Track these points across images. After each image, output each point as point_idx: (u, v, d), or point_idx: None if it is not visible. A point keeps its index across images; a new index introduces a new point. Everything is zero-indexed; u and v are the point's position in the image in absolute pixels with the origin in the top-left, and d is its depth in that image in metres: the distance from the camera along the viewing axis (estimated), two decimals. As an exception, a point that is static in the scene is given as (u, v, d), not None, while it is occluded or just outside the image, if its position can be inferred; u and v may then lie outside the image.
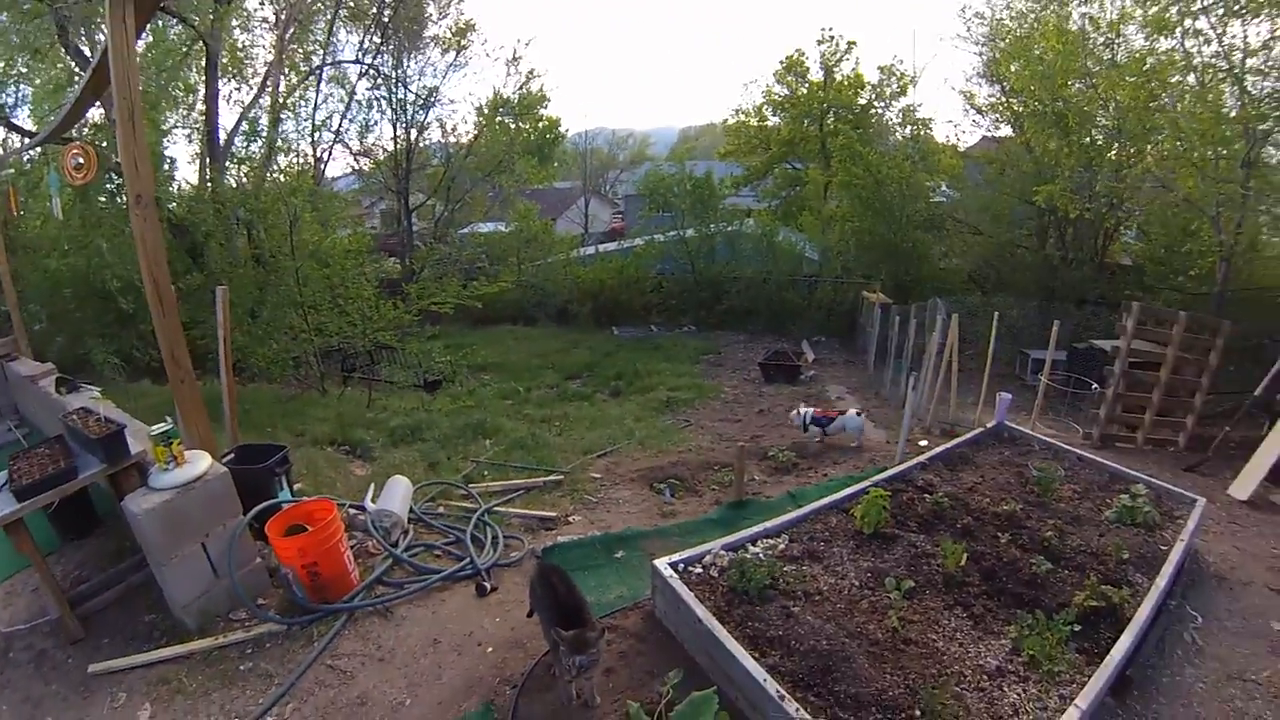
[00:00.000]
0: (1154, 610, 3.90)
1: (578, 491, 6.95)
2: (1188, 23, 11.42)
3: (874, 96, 28.10)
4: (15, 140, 16.80)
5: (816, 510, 4.93)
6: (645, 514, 6.36)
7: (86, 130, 12.88)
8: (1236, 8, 10.66)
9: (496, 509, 6.04)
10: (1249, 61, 10.84)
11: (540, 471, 7.57)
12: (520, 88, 25.22)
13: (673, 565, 4.09)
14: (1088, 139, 15.60)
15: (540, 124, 27.21)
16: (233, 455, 5.22)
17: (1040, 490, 5.37)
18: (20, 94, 17.29)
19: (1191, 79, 11.80)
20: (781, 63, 29.10)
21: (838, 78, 28.33)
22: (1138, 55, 13.05)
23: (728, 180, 25.88)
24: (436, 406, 11.86)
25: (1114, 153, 15.30)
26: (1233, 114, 11.07)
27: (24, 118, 17.17)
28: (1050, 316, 11.12)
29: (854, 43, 28.04)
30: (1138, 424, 8.98)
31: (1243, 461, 7.18)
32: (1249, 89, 10.93)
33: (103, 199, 16.03)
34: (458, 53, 24.10)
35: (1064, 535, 4.64)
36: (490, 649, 4.03)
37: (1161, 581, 4.12)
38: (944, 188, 22.03)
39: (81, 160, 7.40)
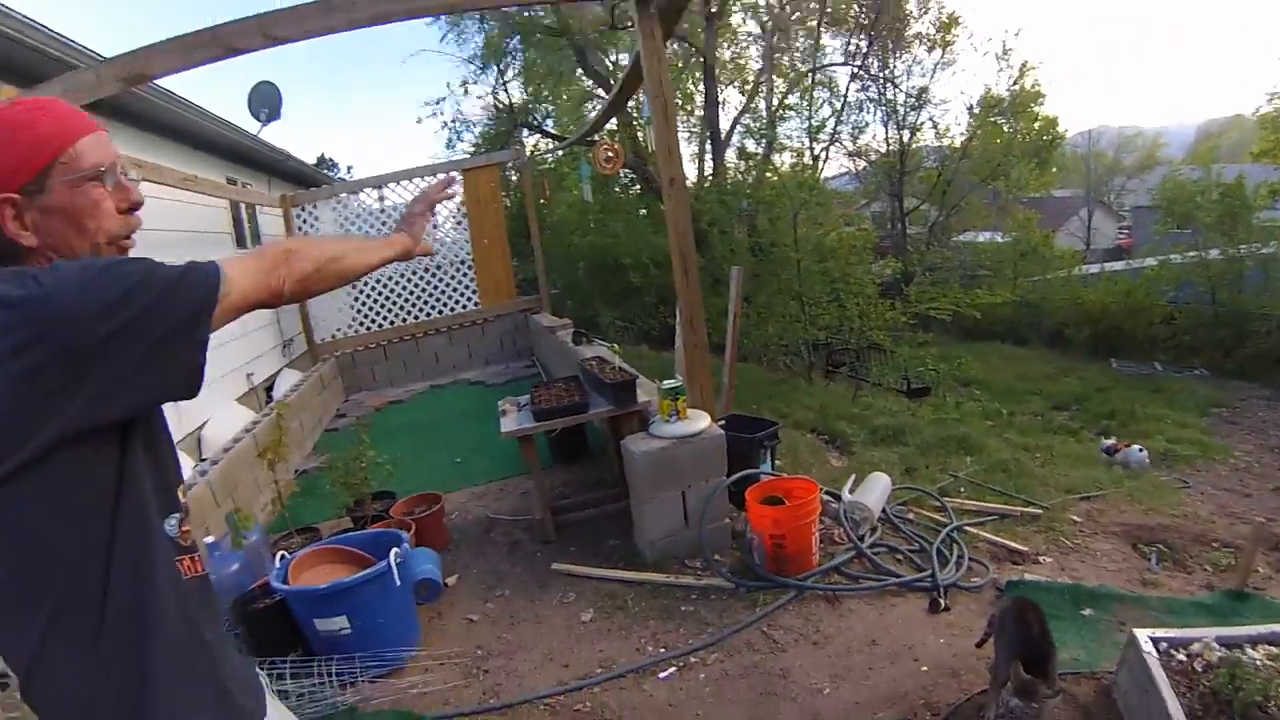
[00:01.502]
0: None
1: (1054, 531, 6.42)
2: None
3: None
4: (543, 144, 20.45)
5: (1342, 628, 4.03)
6: (1122, 575, 5.70)
7: (604, 135, 14.85)
8: None
9: (966, 528, 5.79)
10: None
11: (1018, 501, 7.12)
12: (1013, 84, 23.53)
13: (1154, 641, 3.53)
14: None
15: (1036, 123, 25.12)
16: (725, 422, 5.59)
17: None
18: (546, 110, 22.45)
19: None
20: None
21: None
22: None
23: (1263, 187, 21.37)
24: (920, 413, 11.66)
25: None
26: None
27: (549, 127, 22.18)
28: None
29: None
30: None
31: None
32: None
33: (617, 189, 18.43)
34: (944, 50, 23.13)
35: None
36: (925, 668, 3.85)
37: None
38: None
39: (611, 155, 9.10)
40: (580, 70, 19.82)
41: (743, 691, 3.70)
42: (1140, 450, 9.72)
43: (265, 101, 10.54)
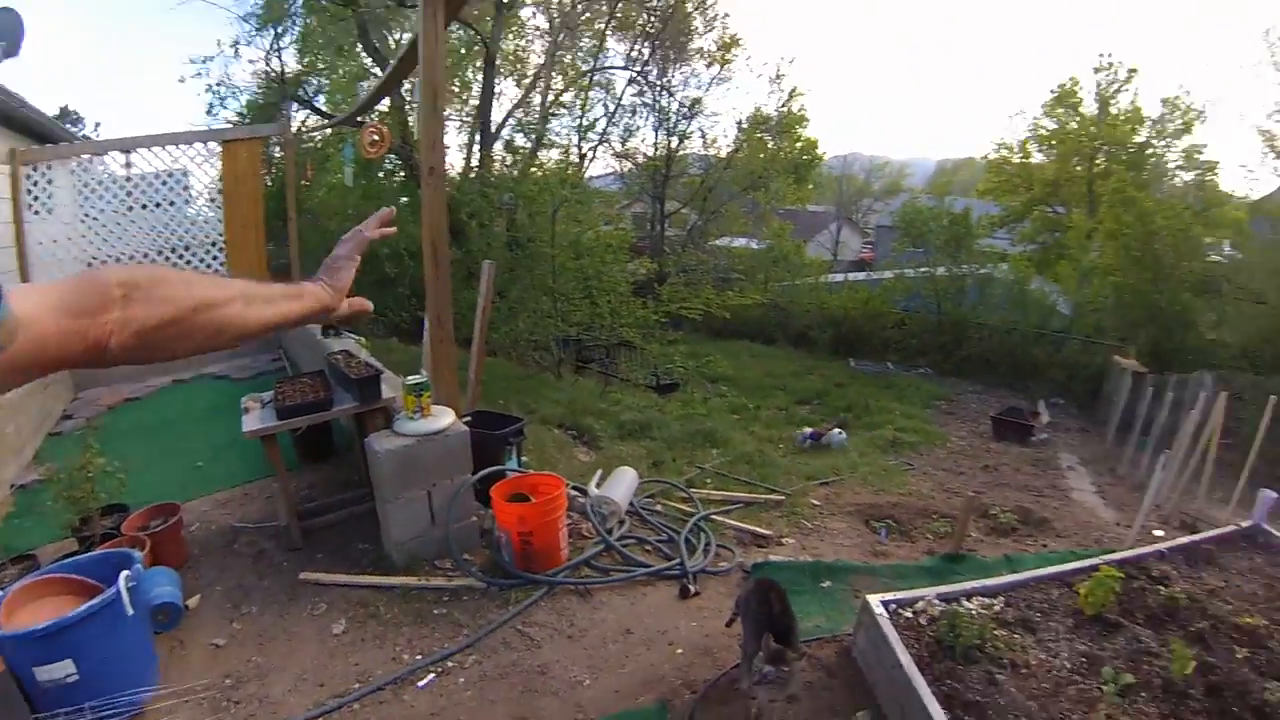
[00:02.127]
0: None
1: (795, 515, 6.93)
2: None
3: (1153, 134, 26.18)
4: (312, 121, 19.44)
5: (1039, 578, 4.62)
6: (857, 549, 6.27)
7: (374, 115, 14.24)
8: None
9: (713, 517, 6.12)
10: None
11: (761, 489, 7.57)
12: (782, 105, 25.33)
13: (884, 604, 3.96)
14: None
15: (799, 144, 27.06)
16: (470, 418, 5.57)
17: (1293, 609, 4.80)
18: (320, 84, 20.64)
19: None
20: (1052, 92, 27.76)
21: (1113, 111, 26.50)
22: None
23: (984, 220, 24.72)
24: (668, 408, 12.08)
25: None
26: None
27: (320, 103, 20.39)
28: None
29: (1135, 70, 26.24)
30: None
31: None
32: None
33: (381, 175, 17.83)
34: (721, 66, 24.46)
35: (1312, 665, 4.12)
36: (680, 650, 4.07)
37: None
38: (1225, 246, 20.02)
39: (377, 138, 8.65)
40: (360, 46, 18.84)
41: (504, 691, 3.74)
42: (839, 433, 11.12)
43: (3, 32, 8.98)
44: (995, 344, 19.34)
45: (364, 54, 18.97)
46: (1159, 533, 7.52)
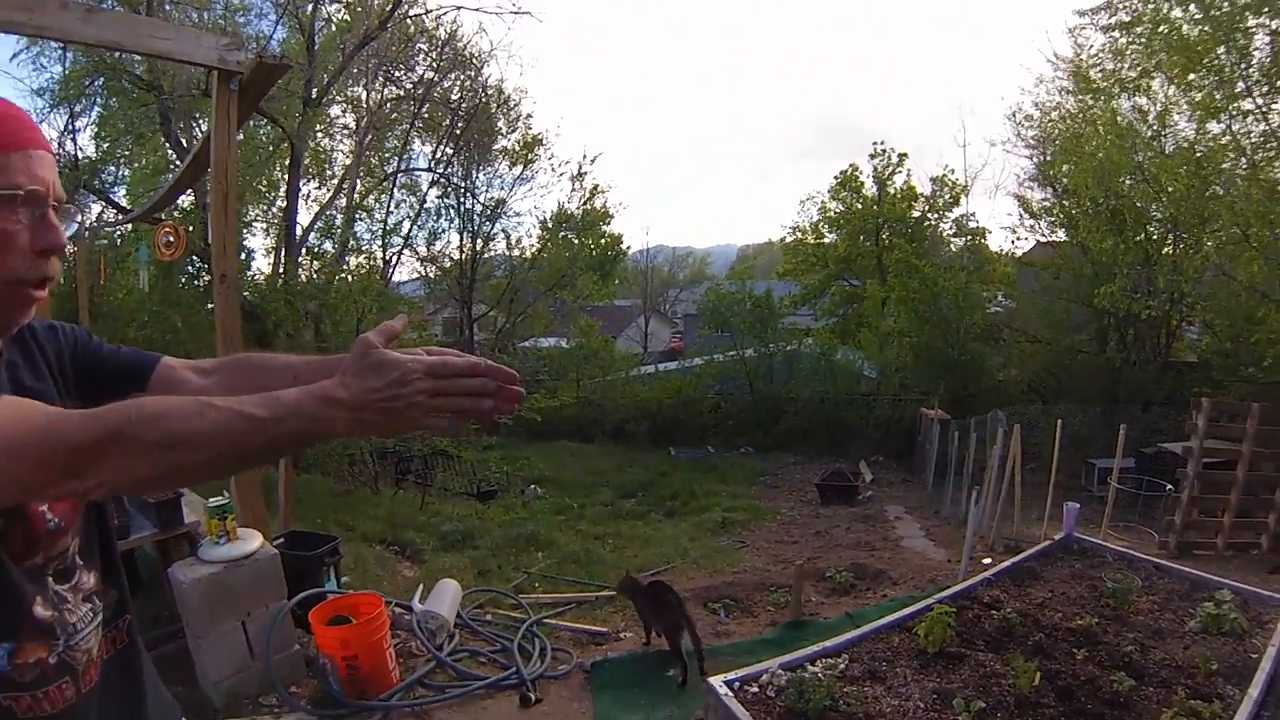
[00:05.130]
0: (1248, 725, 3.56)
1: (630, 608, 6.77)
2: (1233, 105, 11.26)
3: (927, 208, 28.60)
4: (109, 215, 17.70)
5: (877, 629, 4.64)
6: (699, 633, 6.16)
7: (176, 214, 13.36)
8: (1280, 83, 10.35)
9: (546, 621, 5.89)
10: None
11: (592, 587, 7.39)
12: (584, 203, 25.75)
13: (728, 683, 3.83)
14: (1142, 235, 15.64)
15: (602, 240, 27.62)
16: (283, 540, 5.20)
17: (1116, 603, 4.94)
18: (119, 174, 18.77)
19: (1243, 161, 11.54)
20: (836, 178, 29.72)
21: (891, 191, 28.79)
22: (1186, 145, 13.00)
23: (786, 299, 25.94)
24: (489, 515, 11.80)
25: (1170, 246, 15.38)
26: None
27: (120, 196, 18.45)
28: (1115, 422, 10.80)
29: (905, 155, 28.79)
30: (1217, 528, 8.53)
31: (1335, 557, 6.84)
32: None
33: (183, 279, 16.57)
34: (525, 166, 24.67)
35: (1145, 650, 4.25)
36: (529, 762, 3.82)
37: (1254, 692, 3.75)
38: (1000, 297, 22.02)
39: (172, 239, 7.80)
40: (163, 135, 17.33)
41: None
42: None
43: None
44: (810, 414, 20.07)
45: (167, 144, 17.60)
46: (987, 560, 7.79)
